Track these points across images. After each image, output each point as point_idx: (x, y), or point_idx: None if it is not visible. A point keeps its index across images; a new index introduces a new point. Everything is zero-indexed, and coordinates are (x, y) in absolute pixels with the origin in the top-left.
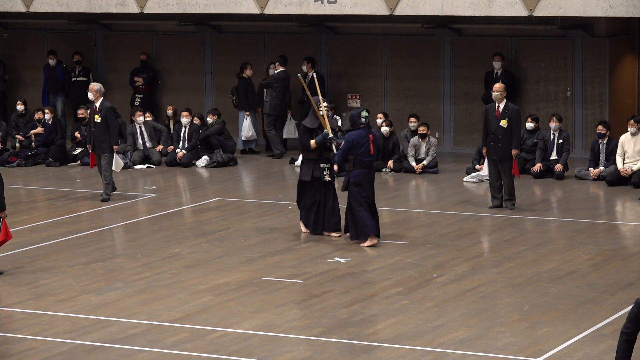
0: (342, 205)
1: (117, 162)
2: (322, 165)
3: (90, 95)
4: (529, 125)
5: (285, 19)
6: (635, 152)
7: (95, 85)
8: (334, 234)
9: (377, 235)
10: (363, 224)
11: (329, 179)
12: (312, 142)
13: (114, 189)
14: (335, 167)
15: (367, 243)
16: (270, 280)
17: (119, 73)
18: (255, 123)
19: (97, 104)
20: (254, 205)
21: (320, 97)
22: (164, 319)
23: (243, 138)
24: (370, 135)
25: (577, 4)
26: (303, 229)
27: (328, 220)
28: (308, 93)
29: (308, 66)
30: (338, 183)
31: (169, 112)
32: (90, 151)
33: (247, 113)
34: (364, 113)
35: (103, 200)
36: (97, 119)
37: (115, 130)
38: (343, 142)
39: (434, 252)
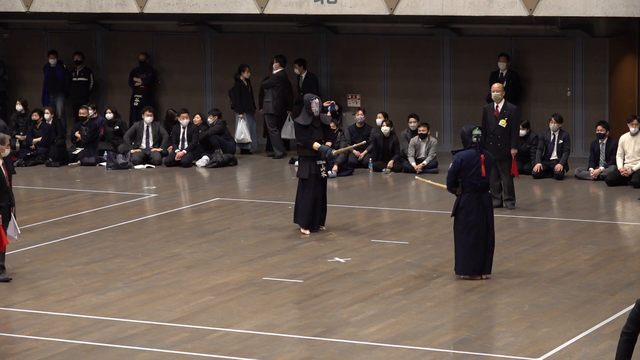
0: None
1: None
2: (318, 162)
3: None
4: (521, 132)
5: (285, 19)
6: (635, 152)
7: None
8: (322, 228)
9: (487, 272)
10: (463, 258)
11: (326, 175)
12: (316, 144)
13: None
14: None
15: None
16: (270, 280)
17: (119, 73)
18: (253, 125)
19: None
20: (253, 205)
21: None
22: (164, 319)
23: (236, 140)
24: (482, 156)
25: (577, 4)
26: (305, 232)
27: (319, 215)
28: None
29: (300, 68)
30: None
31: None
32: None
33: (241, 115)
34: (476, 132)
35: None
36: None
37: None
38: (451, 164)
39: (434, 252)
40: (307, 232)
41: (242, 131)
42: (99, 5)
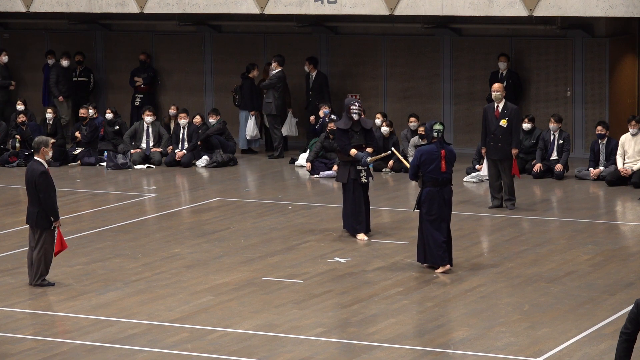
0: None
1: None
2: (358, 167)
3: None
4: (526, 126)
5: (285, 19)
6: (635, 152)
7: None
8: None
9: (450, 264)
10: (433, 251)
11: (366, 180)
12: (353, 151)
13: None
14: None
15: (440, 270)
16: (270, 280)
17: (119, 73)
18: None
19: None
20: (254, 205)
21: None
22: (164, 319)
23: (248, 137)
24: (443, 151)
25: (577, 4)
26: (363, 237)
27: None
28: (402, 159)
29: (310, 67)
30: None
31: (172, 112)
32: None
33: (252, 113)
34: (436, 126)
35: None
36: None
37: None
38: (412, 157)
39: None
40: (365, 237)
41: (254, 128)
42: (99, 5)
